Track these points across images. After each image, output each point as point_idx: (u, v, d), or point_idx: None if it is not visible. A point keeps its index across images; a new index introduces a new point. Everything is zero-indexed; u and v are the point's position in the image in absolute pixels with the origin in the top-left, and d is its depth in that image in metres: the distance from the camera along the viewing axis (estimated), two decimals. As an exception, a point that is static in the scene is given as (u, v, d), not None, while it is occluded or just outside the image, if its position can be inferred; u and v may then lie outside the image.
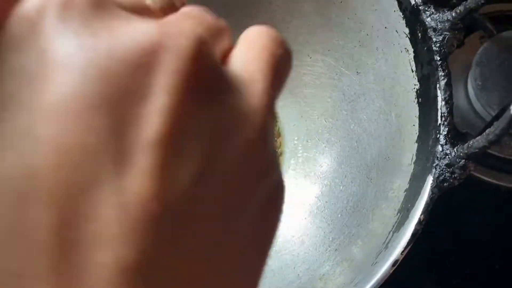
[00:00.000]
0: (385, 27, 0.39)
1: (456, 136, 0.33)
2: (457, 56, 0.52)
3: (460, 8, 0.32)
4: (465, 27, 0.35)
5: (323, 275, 0.38)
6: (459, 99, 0.55)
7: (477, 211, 0.50)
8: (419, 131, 0.36)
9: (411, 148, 0.36)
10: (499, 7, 0.57)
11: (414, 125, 0.36)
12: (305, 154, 0.48)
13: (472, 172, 0.52)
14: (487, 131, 0.29)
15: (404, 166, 0.36)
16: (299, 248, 0.43)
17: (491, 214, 0.52)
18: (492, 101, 0.51)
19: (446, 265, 0.49)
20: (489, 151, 0.52)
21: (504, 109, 0.49)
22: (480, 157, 0.31)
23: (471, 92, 0.53)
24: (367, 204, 0.39)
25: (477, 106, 0.52)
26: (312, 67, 0.47)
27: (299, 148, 0.48)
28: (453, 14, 0.33)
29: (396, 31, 0.38)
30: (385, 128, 0.40)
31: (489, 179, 0.51)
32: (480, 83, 0.52)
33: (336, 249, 0.39)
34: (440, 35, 0.34)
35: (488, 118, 0.52)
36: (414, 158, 0.35)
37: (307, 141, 0.48)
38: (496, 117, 0.50)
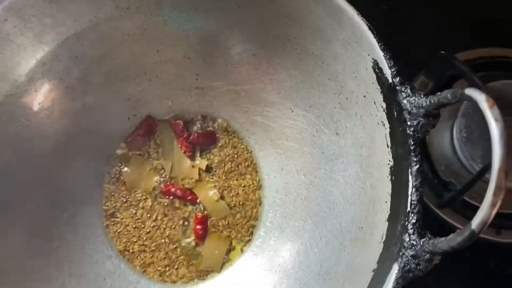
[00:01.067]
0: (364, 96, 0.39)
1: (424, 224, 0.32)
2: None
3: (434, 99, 0.32)
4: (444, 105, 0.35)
5: None
6: (445, 147, 0.55)
7: (453, 265, 0.51)
8: (390, 210, 0.36)
9: (382, 226, 0.36)
10: (486, 53, 0.57)
11: (386, 201, 0.36)
12: (283, 208, 0.48)
13: (447, 219, 0.52)
14: (450, 236, 0.29)
15: (374, 242, 0.36)
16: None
17: (469, 266, 0.52)
18: (476, 154, 0.51)
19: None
20: (466, 198, 0.52)
21: (487, 167, 0.49)
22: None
23: (456, 142, 0.52)
24: (339, 274, 0.40)
25: (462, 157, 0.52)
26: (294, 121, 0.47)
27: (278, 201, 0.48)
28: (427, 102, 0.33)
29: (374, 102, 0.38)
30: (360, 196, 0.40)
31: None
32: (465, 135, 0.51)
33: (306, 316, 0.40)
34: (415, 120, 0.34)
35: (472, 169, 0.52)
36: (384, 237, 0.36)
37: (286, 195, 0.48)
38: (481, 172, 0.50)
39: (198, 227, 0.48)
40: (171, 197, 0.49)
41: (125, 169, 0.50)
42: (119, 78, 0.49)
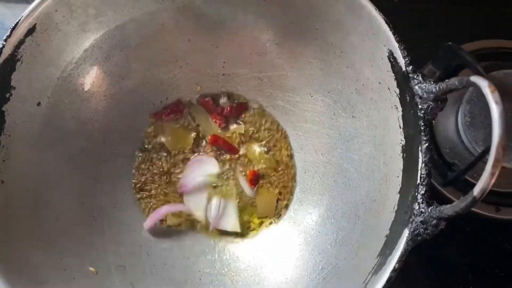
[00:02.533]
0: (379, 82, 0.43)
1: (431, 196, 0.37)
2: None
3: (443, 85, 0.37)
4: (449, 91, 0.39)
5: (312, 301, 0.44)
6: (449, 131, 0.59)
7: (455, 237, 0.56)
8: (402, 184, 0.40)
9: (394, 197, 0.41)
10: (490, 44, 0.61)
11: (398, 176, 0.41)
12: (302, 184, 0.53)
13: (451, 197, 0.57)
14: (455, 203, 0.34)
15: (387, 212, 0.41)
16: (293, 272, 0.48)
17: (469, 240, 0.57)
18: (478, 137, 0.55)
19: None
20: (468, 178, 0.57)
21: (488, 149, 0.54)
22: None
23: (460, 127, 0.57)
24: (354, 240, 0.44)
25: (465, 140, 0.56)
26: (313, 105, 0.52)
27: (297, 178, 0.53)
28: (437, 88, 0.37)
29: (389, 88, 0.42)
30: (373, 172, 0.45)
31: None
32: (468, 119, 0.56)
33: (324, 278, 0.45)
34: (425, 103, 0.38)
35: (474, 151, 0.57)
36: (396, 207, 0.40)
37: (305, 172, 0.53)
38: (483, 154, 0.55)
39: (252, 180, 0.54)
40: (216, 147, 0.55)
41: (162, 139, 0.55)
42: (153, 64, 0.53)
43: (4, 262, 0.41)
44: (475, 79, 0.32)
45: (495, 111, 0.30)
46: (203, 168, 0.54)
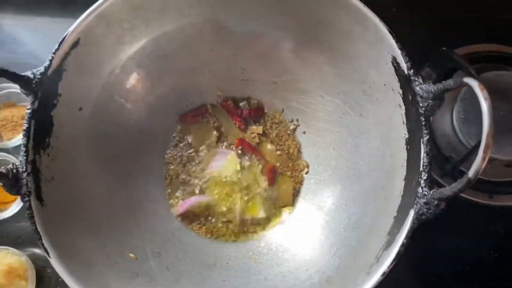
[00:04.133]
0: (384, 84, 0.50)
1: (432, 181, 0.44)
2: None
3: (440, 85, 0.43)
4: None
5: (330, 277, 0.50)
6: (446, 127, 0.66)
7: (454, 222, 0.62)
8: (406, 172, 0.47)
9: (400, 184, 0.47)
10: (481, 48, 0.68)
11: (403, 166, 0.47)
12: (315, 177, 0.59)
13: (448, 186, 0.63)
14: (453, 184, 0.40)
15: (394, 197, 0.47)
16: (311, 253, 0.54)
17: (466, 224, 0.63)
18: (472, 132, 0.62)
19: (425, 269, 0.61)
20: (463, 169, 0.63)
21: (480, 142, 0.60)
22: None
23: (455, 123, 0.63)
24: (365, 224, 0.51)
25: (460, 135, 0.63)
26: (324, 106, 0.58)
27: (311, 171, 0.60)
28: (435, 88, 0.43)
29: (393, 89, 0.48)
30: (381, 163, 0.51)
31: (465, 195, 0.63)
32: (463, 116, 0.62)
33: (339, 257, 0.51)
34: (425, 102, 0.44)
35: (468, 145, 0.63)
36: (402, 192, 0.46)
37: (318, 166, 0.60)
38: (475, 146, 0.61)
39: (270, 174, 0.59)
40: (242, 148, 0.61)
41: (188, 138, 0.62)
42: (180, 73, 0.59)
43: (58, 248, 0.46)
44: (467, 80, 0.39)
45: (484, 105, 0.36)
46: (226, 161, 0.60)
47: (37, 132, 0.48)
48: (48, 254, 0.45)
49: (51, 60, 0.49)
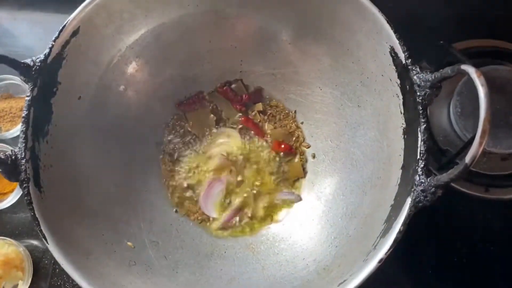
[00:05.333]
0: (382, 75, 0.50)
1: (429, 169, 0.44)
2: (443, 83, 0.63)
3: (438, 74, 0.43)
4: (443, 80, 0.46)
5: (327, 265, 0.50)
6: (442, 121, 0.66)
7: (450, 215, 0.62)
8: (404, 161, 0.47)
9: (397, 173, 0.47)
10: (478, 43, 0.68)
11: (400, 155, 0.48)
12: (313, 167, 0.60)
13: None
14: (450, 171, 0.41)
15: (391, 186, 0.48)
16: (308, 243, 0.55)
17: (463, 217, 0.64)
18: (468, 126, 0.62)
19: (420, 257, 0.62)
20: (458, 162, 0.63)
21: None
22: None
23: (452, 116, 0.64)
24: (362, 212, 0.51)
25: (457, 128, 0.63)
26: (322, 97, 0.59)
27: (309, 161, 0.60)
28: (432, 77, 0.44)
29: (390, 79, 0.49)
30: (378, 153, 0.52)
31: (461, 188, 0.63)
32: (459, 110, 0.63)
33: (336, 246, 0.51)
34: (423, 90, 0.45)
35: (464, 138, 0.63)
36: (399, 181, 0.47)
37: (316, 157, 0.60)
38: (472, 139, 0.61)
39: (282, 146, 0.60)
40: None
41: (187, 126, 0.62)
42: (179, 63, 0.60)
43: (56, 234, 0.46)
44: (464, 67, 0.39)
45: (481, 91, 0.37)
46: (228, 141, 0.61)
47: (36, 119, 0.49)
48: (46, 240, 0.45)
49: (51, 48, 0.49)
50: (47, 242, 0.45)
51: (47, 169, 0.49)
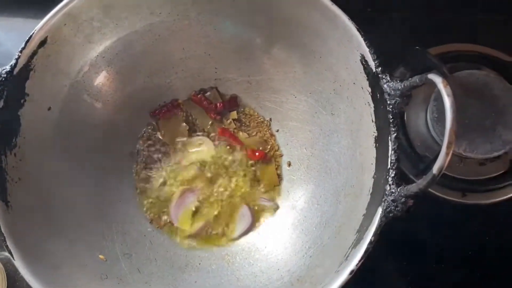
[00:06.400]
0: (354, 83, 0.50)
1: (400, 179, 0.44)
2: (421, 88, 0.62)
3: (407, 83, 0.43)
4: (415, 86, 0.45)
5: (300, 276, 0.49)
6: (420, 126, 0.66)
7: (427, 220, 0.62)
8: (375, 169, 0.47)
9: (369, 182, 0.47)
10: (456, 47, 0.68)
11: (372, 163, 0.47)
12: (288, 176, 0.59)
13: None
14: (419, 181, 0.40)
15: (363, 195, 0.47)
16: (283, 253, 0.54)
17: (440, 222, 0.63)
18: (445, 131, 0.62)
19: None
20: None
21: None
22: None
23: (429, 122, 0.63)
24: (336, 222, 0.50)
25: (434, 134, 0.63)
26: (297, 105, 0.58)
27: (284, 170, 0.59)
28: (402, 86, 0.44)
29: (362, 87, 0.48)
30: (351, 161, 0.51)
31: (438, 194, 0.63)
32: (436, 115, 0.62)
33: (311, 256, 0.51)
34: (393, 99, 0.44)
35: (442, 144, 0.63)
36: (371, 190, 0.46)
37: (291, 166, 0.59)
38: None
39: (256, 154, 0.59)
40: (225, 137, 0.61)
41: (159, 135, 0.61)
42: (152, 71, 0.59)
43: (23, 249, 0.46)
44: (431, 76, 0.39)
45: (447, 102, 0.36)
46: (201, 150, 0.60)
47: (3, 132, 0.48)
48: (12, 255, 0.44)
49: (17, 59, 0.49)
50: (13, 258, 0.44)
51: (15, 182, 0.48)
